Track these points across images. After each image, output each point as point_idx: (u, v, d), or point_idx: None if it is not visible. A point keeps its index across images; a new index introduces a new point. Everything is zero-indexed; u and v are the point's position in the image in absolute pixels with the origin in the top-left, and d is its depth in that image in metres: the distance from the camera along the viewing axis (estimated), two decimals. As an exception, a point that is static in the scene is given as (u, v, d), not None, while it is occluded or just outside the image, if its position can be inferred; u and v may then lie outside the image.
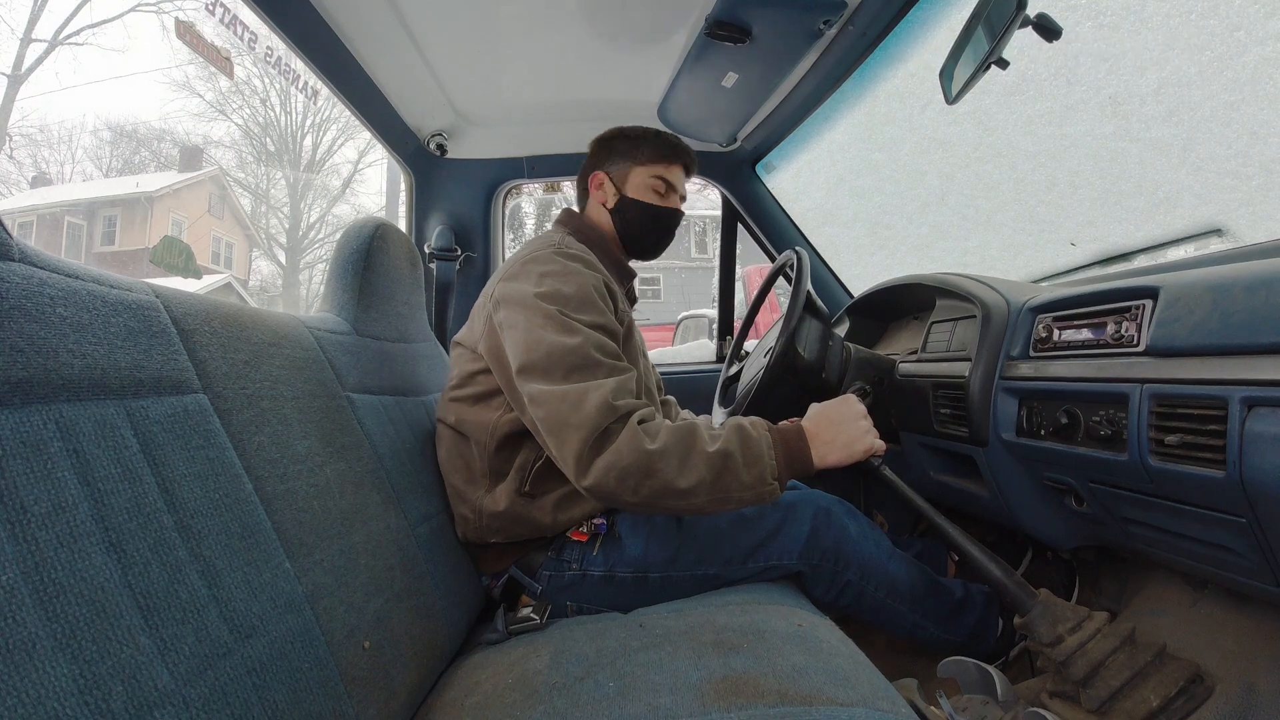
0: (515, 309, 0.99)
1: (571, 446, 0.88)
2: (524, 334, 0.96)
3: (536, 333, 0.95)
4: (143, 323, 0.60)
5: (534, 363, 0.93)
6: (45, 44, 14.04)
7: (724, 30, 1.27)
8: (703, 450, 0.89)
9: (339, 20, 1.25)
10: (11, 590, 0.40)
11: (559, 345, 0.93)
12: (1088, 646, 0.85)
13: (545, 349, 0.93)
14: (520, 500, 1.04)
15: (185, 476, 0.57)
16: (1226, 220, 1.27)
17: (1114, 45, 1.37)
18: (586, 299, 1.01)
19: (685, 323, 7.43)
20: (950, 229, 2.17)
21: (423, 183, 1.87)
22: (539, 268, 1.03)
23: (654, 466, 0.86)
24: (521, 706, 0.72)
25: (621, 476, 0.86)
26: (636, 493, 0.87)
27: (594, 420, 0.87)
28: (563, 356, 0.92)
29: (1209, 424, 0.67)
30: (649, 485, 0.87)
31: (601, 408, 0.88)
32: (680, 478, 0.87)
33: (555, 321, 0.96)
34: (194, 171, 17.04)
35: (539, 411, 0.92)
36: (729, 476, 0.89)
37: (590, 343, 0.95)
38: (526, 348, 0.95)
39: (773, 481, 0.91)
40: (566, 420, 0.88)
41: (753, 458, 0.91)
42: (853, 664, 0.76)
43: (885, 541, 1.14)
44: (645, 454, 0.86)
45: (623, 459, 0.86)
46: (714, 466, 0.88)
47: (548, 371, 0.92)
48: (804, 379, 1.20)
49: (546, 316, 0.96)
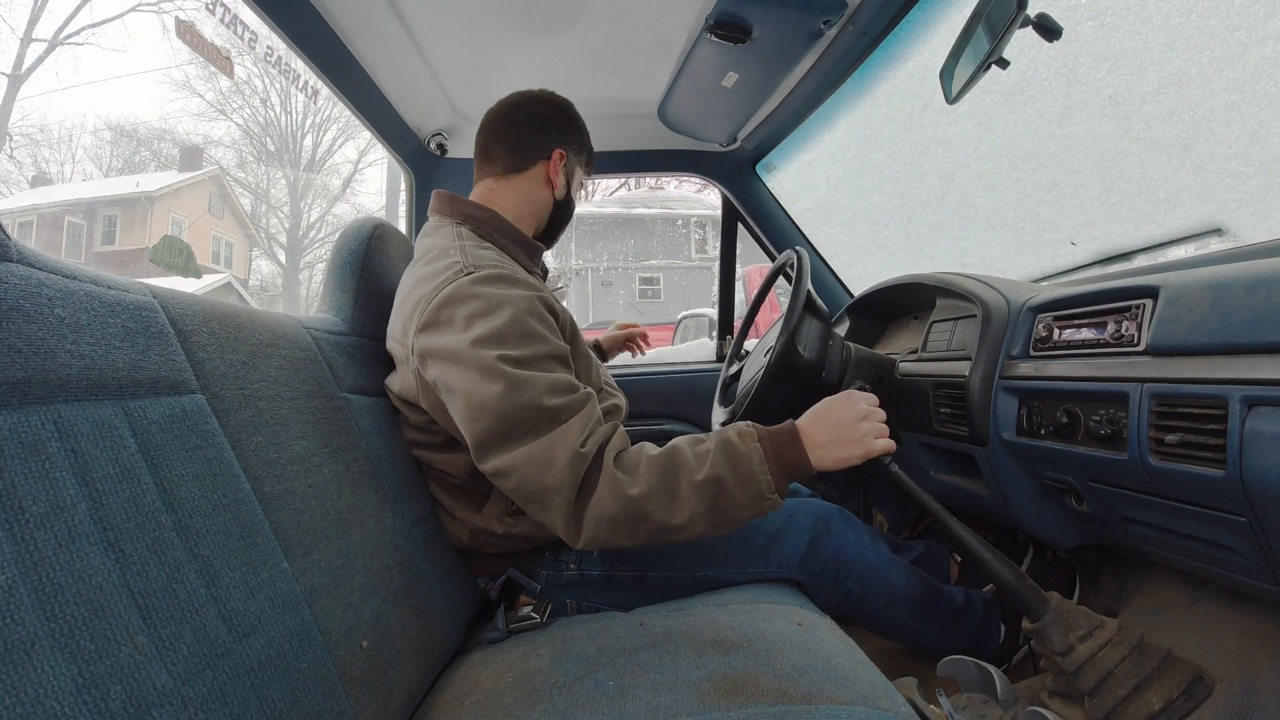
0: (447, 366, 0.87)
1: (558, 511, 0.82)
2: (464, 400, 0.85)
3: (479, 395, 0.83)
4: (140, 323, 0.60)
5: (487, 432, 0.83)
6: (45, 44, 14.06)
7: (724, 30, 1.27)
8: (690, 481, 0.82)
9: (339, 20, 1.25)
10: (10, 590, 0.40)
11: (508, 404, 0.82)
12: (1098, 657, 0.84)
13: (494, 413, 0.82)
14: (510, 520, 1.01)
15: (183, 476, 0.57)
16: (1227, 220, 1.26)
17: (1114, 45, 1.37)
18: (524, 330, 0.87)
19: (685, 322, 7.43)
20: (950, 228, 2.17)
21: (423, 182, 1.87)
22: (461, 310, 0.88)
23: (643, 511, 0.81)
24: (521, 705, 0.72)
25: (613, 527, 0.81)
26: (633, 536, 0.83)
27: (569, 477, 0.81)
28: (515, 416, 0.82)
29: (1209, 423, 0.67)
30: (643, 529, 0.82)
31: (573, 461, 0.81)
32: (673, 515, 0.81)
33: (495, 374, 0.83)
34: (194, 171, 17.05)
35: (510, 483, 0.84)
36: (724, 501, 0.83)
37: (541, 388, 0.83)
38: (473, 415, 0.84)
39: (771, 495, 0.85)
40: (542, 483, 0.81)
41: (745, 478, 0.83)
42: (852, 663, 0.76)
43: (885, 550, 1.13)
44: (629, 500, 0.80)
45: (608, 510, 0.81)
46: (705, 496, 0.82)
47: (505, 436, 0.83)
48: (804, 378, 1.20)
49: (483, 370, 0.83)
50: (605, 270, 18.49)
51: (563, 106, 1.16)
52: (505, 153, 1.10)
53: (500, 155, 1.11)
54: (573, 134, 1.15)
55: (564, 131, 1.14)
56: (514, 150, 1.10)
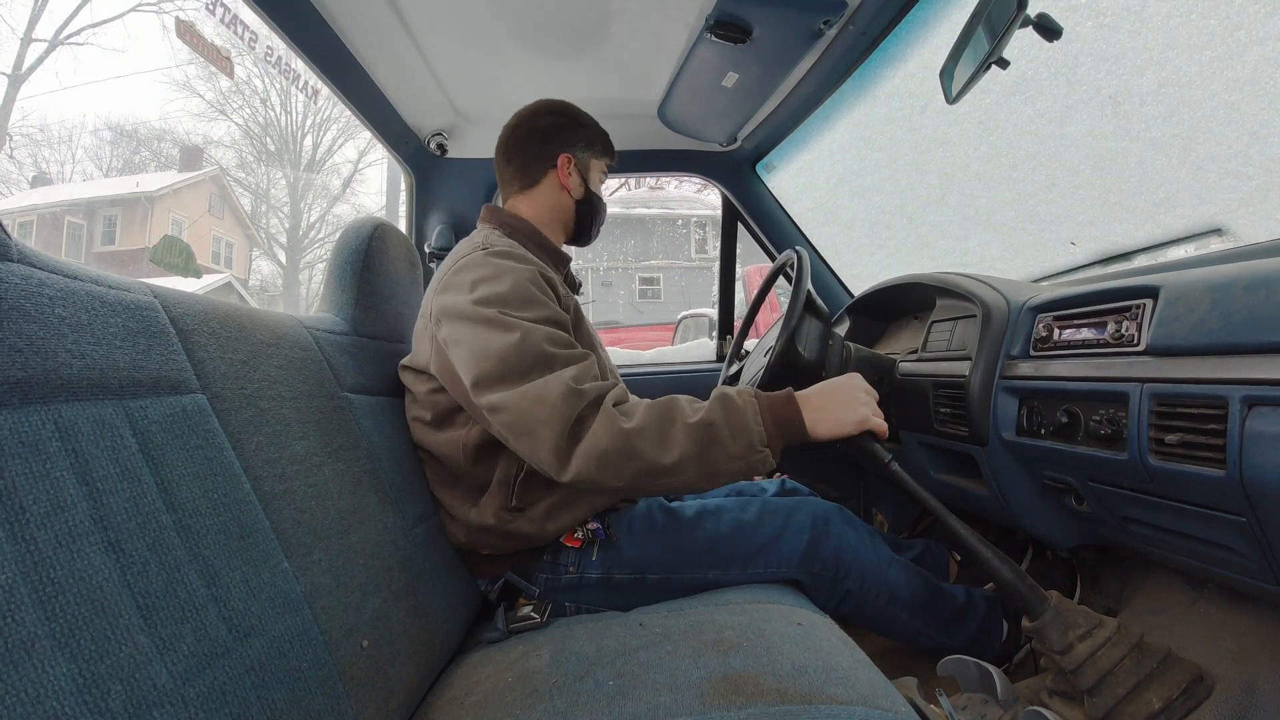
0: (455, 323, 0.94)
1: (546, 443, 0.84)
2: (469, 348, 0.91)
3: (482, 342, 0.90)
4: (141, 323, 0.60)
5: (487, 373, 0.88)
6: (45, 44, 14.05)
7: (724, 30, 1.27)
8: (683, 423, 0.85)
9: (339, 20, 1.25)
10: (10, 590, 0.40)
11: (507, 347, 0.88)
12: (1098, 655, 0.84)
13: (495, 356, 0.88)
14: (508, 515, 1.01)
15: (184, 476, 0.57)
16: (1226, 220, 1.26)
17: (1114, 45, 1.37)
18: (525, 295, 0.95)
19: (685, 322, 7.43)
20: (950, 228, 2.17)
21: (423, 182, 1.87)
22: (470, 275, 0.97)
23: (634, 446, 0.83)
24: (521, 705, 0.72)
25: (602, 461, 0.83)
26: (620, 476, 0.84)
27: (562, 410, 0.83)
28: (514, 359, 0.87)
29: (1209, 423, 0.67)
30: (631, 467, 0.83)
31: (566, 395, 0.84)
32: (663, 454, 0.84)
33: (498, 325, 0.90)
34: (194, 171, 17.05)
35: (503, 418, 0.87)
36: (715, 449, 0.85)
37: (539, 336, 0.89)
38: (475, 360, 0.89)
39: (762, 448, 0.87)
40: (533, 417, 0.84)
41: (739, 427, 0.86)
42: (852, 663, 0.76)
43: (884, 549, 1.13)
44: (623, 434, 0.83)
45: (600, 442, 0.83)
46: (697, 439, 0.85)
47: (503, 377, 0.87)
48: (804, 378, 1.20)
49: (488, 322, 0.90)
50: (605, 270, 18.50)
51: (559, 111, 1.20)
52: (515, 171, 1.18)
53: (512, 175, 1.18)
54: (575, 133, 1.18)
55: (565, 134, 1.18)
56: (523, 167, 1.17)
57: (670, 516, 1.09)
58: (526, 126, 1.18)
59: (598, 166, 1.22)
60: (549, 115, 1.19)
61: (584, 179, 1.19)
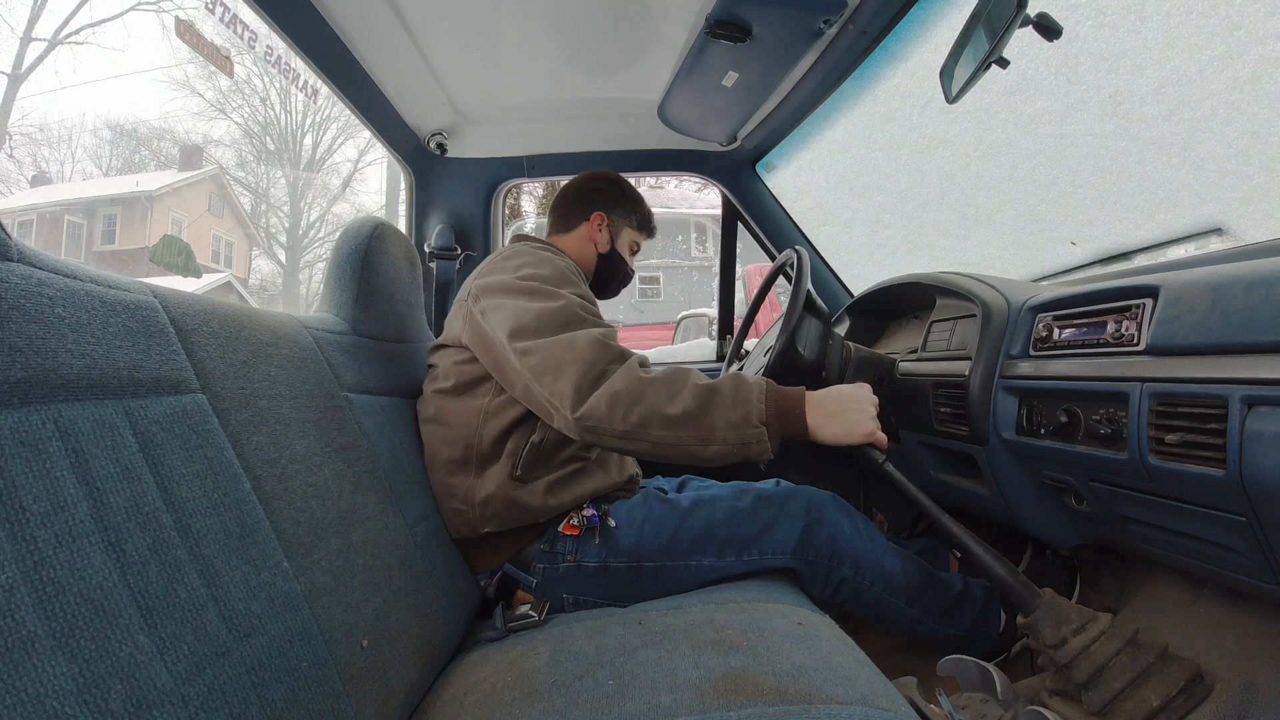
0: (496, 294, 1.05)
1: (570, 378, 0.92)
2: (510, 310, 1.01)
3: (522, 305, 1.00)
4: (141, 323, 0.60)
5: (524, 325, 0.98)
6: (45, 43, 14.04)
7: (724, 29, 1.27)
8: (693, 383, 0.93)
9: (339, 19, 1.25)
10: (10, 589, 0.40)
11: (546, 309, 0.99)
12: (1091, 649, 0.84)
13: (534, 314, 0.98)
14: (511, 484, 1.05)
15: (184, 476, 0.57)
16: (1227, 219, 1.26)
17: (1114, 44, 1.37)
18: (563, 278, 1.08)
19: (685, 322, 7.44)
20: (950, 228, 2.17)
21: (422, 182, 1.87)
22: (513, 261, 1.11)
23: (644, 391, 0.91)
24: (521, 704, 0.72)
25: (612, 401, 0.90)
26: (625, 420, 0.90)
27: (589, 355, 0.93)
28: (551, 316, 0.98)
29: (1209, 423, 0.67)
30: (637, 410, 0.90)
31: (594, 344, 0.94)
32: (668, 404, 0.91)
33: (539, 294, 1.02)
34: (194, 170, 17.04)
35: (531, 360, 0.95)
36: (714, 412, 0.91)
37: (575, 303, 1.02)
38: (515, 315, 0.99)
39: (759, 425, 0.92)
40: (562, 359, 0.93)
41: (741, 398, 0.93)
42: (852, 662, 0.76)
43: (880, 537, 1.13)
44: (637, 380, 0.92)
45: (614, 385, 0.91)
46: (701, 399, 0.92)
47: (538, 330, 0.97)
48: (804, 378, 1.20)
49: (530, 292, 1.03)
50: (605, 270, 18.42)
51: (610, 180, 1.37)
52: (558, 218, 1.35)
53: (555, 220, 1.36)
54: (615, 200, 1.35)
55: (606, 199, 1.34)
56: (563, 215, 1.35)
57: (666, 505, 1.11)
58: (578, 185, 1.37)
59: (630, 235, 1.36)
60: (600, 181, 1.36)
61: (612, 240, 1.34)
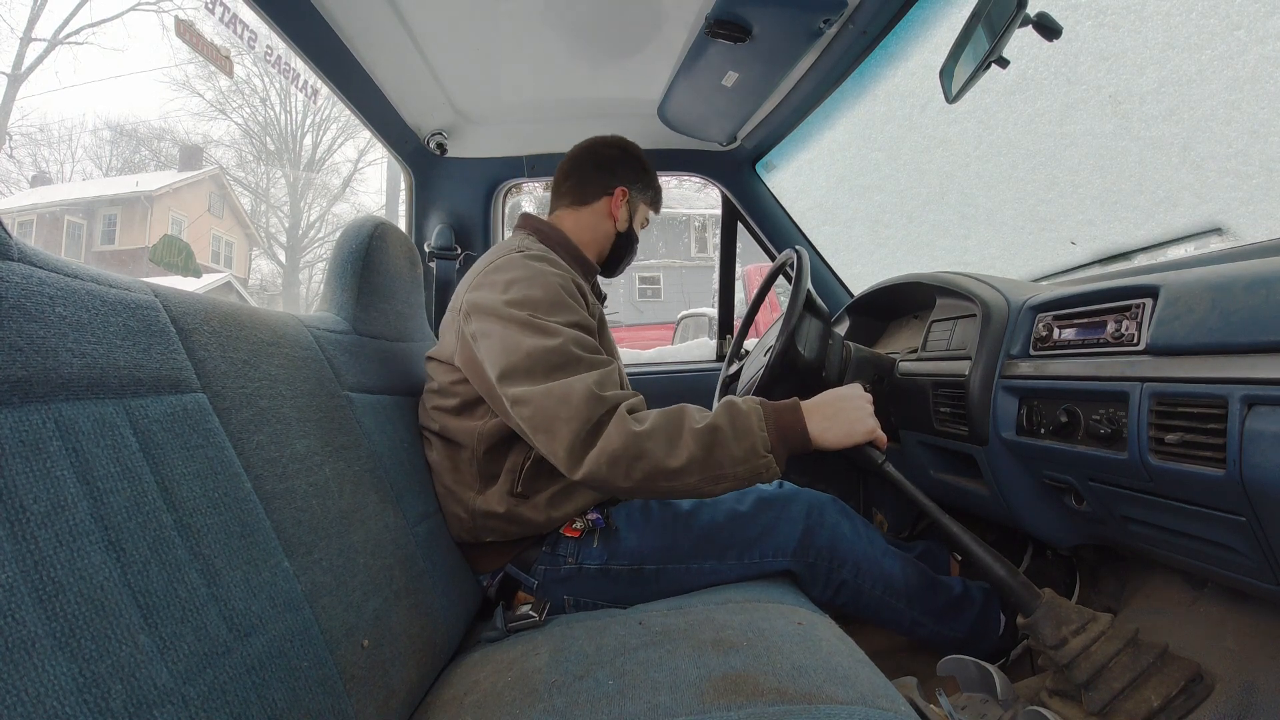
0: (486, 319, 0.98)
1: (563, 440, 0.87)
2: (499, 342, 0.95)
3: (513, 339, 0.94)
4: (142, 322, 0.60)
5: (514, 366, 0.92)
6: (45, 43, 14.03)
7: (724, 29, 1.27)
8: (690, 428, 0.88)
9: (339, 20, 1.25)
10: (11, 589, 0.40)
11: (538, 347, 0.92)
12: (1091, 649, 0.84)
13: (524, 352, 0.92)
14: (512, 500, 1.04)
15: (184, 475, 0.57)
16: (1227, 219, 1.26)
17: (1114, 44, 1.36)
18: (557, 300, 1.00)
19: (685, 321, 7.43)
20: (950, 228, 2.17)
21: (422, 182, 1.87)
22: (504, 275, 1.02)
23: (643, 448, 0.86)
24: (521, 704, 0.72)
25: (612, 462, 0.86)
26: (629, 477, 0.86)
27: (583, 412, 0.87)
28: (543, 357, 0.92)
29: (1209, 423, 0.67)
30: (640, 468, 0.86)
31: (589, 399, 0.88)
32: (670, 457, 0.86)
33: (530, 326, 0.95)
34: (194, 170, 17.02)
35: (524, 411, 0.90)
36: (719, 451, 0.88)
37: (569, 340, 0.94)
38: (504, 353, 0.94)
39: (765, 454, 0.89)
40: (555, 415, 0.88)
41: (742, 431, 0.89)
42: (852, 662, 0.76)
43: (880, 539, 1.13)
44: (633, 436, 0.86)
45: (612, 444, 0.86)
46: (703, 442, 0.87)
47: (530, 373, 0.91)
48: (804, 378, 1.20)
49: (521, 324, 0.95)
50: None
51: (629, 149, 1.28)
52: (572, 187, 1.25)
53: (568, 189, 1.25)
54: (637, 174, 1.26)
55: (629, 171, 1.26)
56: (579, 185, 1.24)
57: (667, 509, 1.11)
58: (596, 151, 1.26)
59: (644, 212, 1.30)
60: (619, 149, 1.27)
61: (630, 216, 1.27)
